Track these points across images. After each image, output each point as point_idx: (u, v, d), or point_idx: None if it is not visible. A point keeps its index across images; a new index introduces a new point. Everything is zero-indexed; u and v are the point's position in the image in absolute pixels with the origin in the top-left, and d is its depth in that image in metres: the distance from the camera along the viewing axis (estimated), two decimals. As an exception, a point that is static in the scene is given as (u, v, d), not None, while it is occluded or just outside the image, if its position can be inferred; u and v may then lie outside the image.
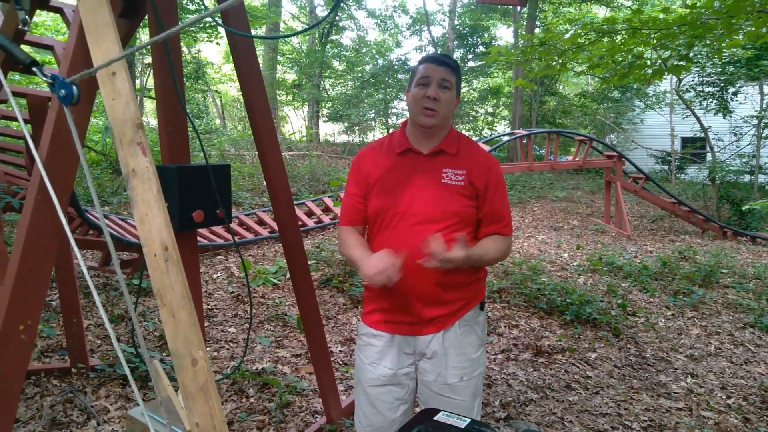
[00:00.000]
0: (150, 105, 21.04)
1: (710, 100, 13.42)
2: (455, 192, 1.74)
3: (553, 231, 9.41)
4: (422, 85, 1.74)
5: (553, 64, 3.97)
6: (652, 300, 5.75)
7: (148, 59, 13.17)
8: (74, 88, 1.33)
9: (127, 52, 1.39)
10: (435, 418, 1.42)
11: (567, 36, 3.76)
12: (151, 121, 19.54)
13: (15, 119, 3.35)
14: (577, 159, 9.96)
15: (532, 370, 3.91)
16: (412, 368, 1.86)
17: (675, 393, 3.67)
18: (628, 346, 4.47)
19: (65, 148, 1.63)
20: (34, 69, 1.44)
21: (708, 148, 13.04)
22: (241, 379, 3.43)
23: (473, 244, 1.80)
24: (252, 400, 3.23)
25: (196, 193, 2.02)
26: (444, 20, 22.87)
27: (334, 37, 21.70)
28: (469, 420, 1.40)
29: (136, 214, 1.40)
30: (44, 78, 1.38)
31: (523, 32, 16.60)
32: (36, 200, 1.57)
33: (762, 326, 5.06)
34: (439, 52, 20.76)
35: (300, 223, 7.74)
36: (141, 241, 1.37)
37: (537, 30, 18.25)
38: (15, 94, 3.12)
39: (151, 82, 18.21)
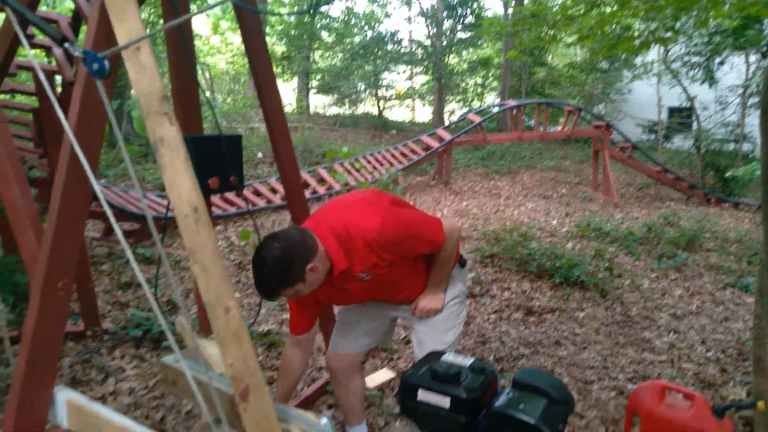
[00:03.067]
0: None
1: (697, 69, 13.56)
2: (379, 278, 1.86)
3: (542, 199, 9.61)
4: None
5: (544, 36, 4.07)
6: (637, 263, 5.99)
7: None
8: (106, 62, 1.44)
9: (155, 31, 1.50)
10: (442, 357, 1.60)
11: (557, 8, 3.86)
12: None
13: (20, 93, 3.42)
14: (566, 129, 10.10)
15: (523, 328, 4.13)
16: (390, 311, 2.17)
17: (658, 347, 3.90)
18: (615, 305, 4.70)
19: (92, 119, 1.74)
20: (66, 45, 1.54)
21: (694, 118, 13.22)
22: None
23: (421, 275, 2.05)
24: (260, 358, 3.41)
25: (210, 162, 2.15)
26: (433, -10, 22.63)
27: (322, 8, 21.43)
28: (473, 359, 1.57)
29: (166, 179, 1.53)
30: (76, 53, 1.48)
31: (512, 3, 16.53)
32: (68, 168, 1.69)
33: (741, 286, 5.31)
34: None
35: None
36: (172, 204, 1.50)
37: (526, 1, 18.18)
38: (21, 67, 3.20)
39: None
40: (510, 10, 15.98)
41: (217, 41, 21.33)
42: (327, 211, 1.86)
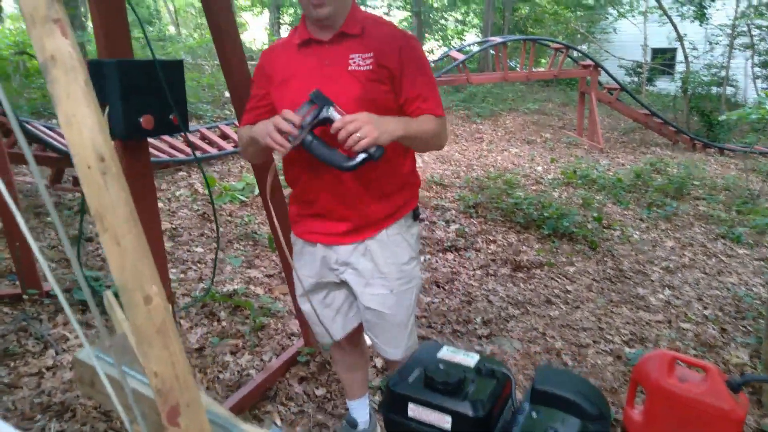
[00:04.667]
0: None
1: (687, 6, 13.02)
2: (364, 78, 1.53)
3: (526, 144, 9.25)
4: None
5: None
6: (626, 212, 5.73)
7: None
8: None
9: None
10: (438, 354, 1.25)
11: None
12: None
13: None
14: (552, 69, 9.62)
15: (511, 285, 3.84)
16: (337, 278, 1.75)
17: (653, 305, 3.66)
18: (605, 259, 4.44)
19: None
20: None
21: (683, 58, 12.78)
22: (212, 301, 3.24)
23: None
24: (224, 323, 3.06)
25: (143, 95, 1.69)
26: None
27: (294, -66, 20.00)
28: (478, 357, 1.22)
29: (61, 114, 1.08)
30: None
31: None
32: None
33: (733, 237, 5.10)
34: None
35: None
36: (69, 149, 1.08)
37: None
38: None
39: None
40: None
41: (182, -30, 19.88)
42: None
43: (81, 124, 1.12)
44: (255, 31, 22.49)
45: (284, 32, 21.58)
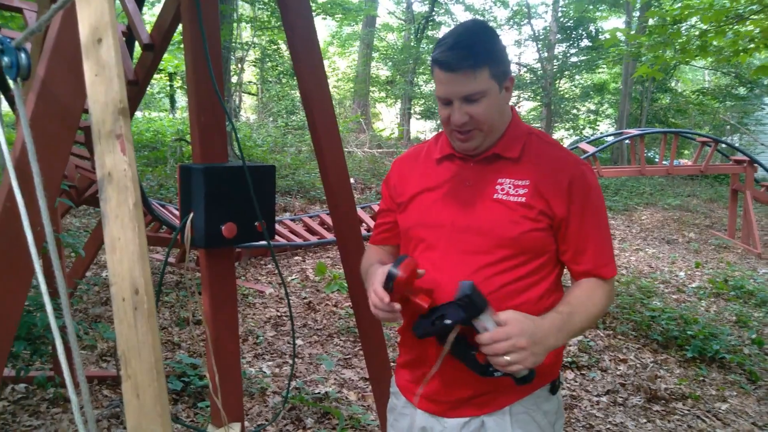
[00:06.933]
0: (248, 100, 21.67)
1: None
2: (513, 212, 1.22)
3: (665, 244, 8.34)
4: (444, 104, 1.25)
5: (689, 47, 3.23)
6: (796, 337, 4.75)
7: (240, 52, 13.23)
8: (22, 55, 0.94)
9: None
10: None
11: (710, 13, 3.01)
12: (250, 116, 20.04)
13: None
14: (698, 163, 8.77)
15: (644, 420, 3.22)
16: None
17: (842, 472, 2.84)
18: (770, 397, 3.62)
19: (49, 138, 1.28)
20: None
21: None
22: (300, 404, 3.05)
23: (547, 285, 1.26)
24: (309, 432, 2.84)
25: (229, 201, 1.62)
26: (546, 12, 21.63)
27: (430, 33, 21.15)
28: None
29: (107, 237, 1.00)
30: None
31: (635, 23, 15.17)
32: (3, 207, 1.23)
33: None
34: (455, 45, 19.45)
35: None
36: (109, 276, 0.98)
37: (651, 22, 16.65)
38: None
39: (247, 77, 18.65)
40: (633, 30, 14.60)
41: (326, 65, 21.77)
42: None
43: (123, 250, 1.00)
44: (387, 121, 23.72)
45: (414, 123, 22.46)
